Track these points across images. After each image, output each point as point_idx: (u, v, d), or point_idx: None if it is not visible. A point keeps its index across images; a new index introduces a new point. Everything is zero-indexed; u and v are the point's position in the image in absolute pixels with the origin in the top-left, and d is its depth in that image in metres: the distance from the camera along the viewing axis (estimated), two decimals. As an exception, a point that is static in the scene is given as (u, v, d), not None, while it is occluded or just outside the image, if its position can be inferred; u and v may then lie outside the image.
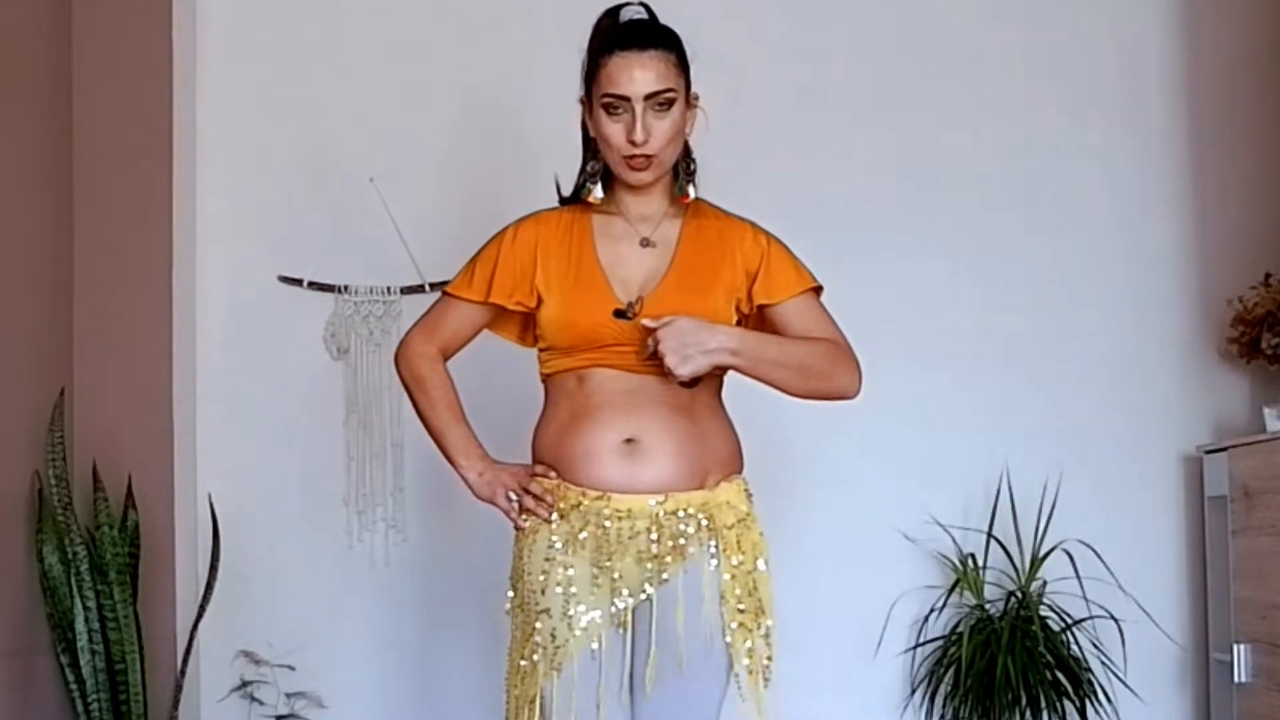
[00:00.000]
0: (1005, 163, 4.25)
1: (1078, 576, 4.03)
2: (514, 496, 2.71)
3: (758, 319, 2.78)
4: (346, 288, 4.18)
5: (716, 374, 2.72)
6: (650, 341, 2.59)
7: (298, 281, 4.19)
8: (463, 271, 2.79)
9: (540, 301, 2.70)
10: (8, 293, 3.65)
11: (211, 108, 4.19)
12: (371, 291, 4.17)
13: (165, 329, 4.03)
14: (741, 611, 2.64)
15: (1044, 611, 4.01)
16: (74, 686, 3.65)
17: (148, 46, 4.06)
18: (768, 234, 2.78)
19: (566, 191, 2.80)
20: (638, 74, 2.61)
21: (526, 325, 2.79)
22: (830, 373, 2.73)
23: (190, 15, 4.15)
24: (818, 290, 2.78)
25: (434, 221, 4.13)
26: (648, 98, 2.61)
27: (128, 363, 3.98)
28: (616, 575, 2.62)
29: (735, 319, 2.72)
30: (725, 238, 2.75)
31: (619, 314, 2.64)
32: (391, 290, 4.16)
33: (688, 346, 2.57)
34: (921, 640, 4.12)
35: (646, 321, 2.60)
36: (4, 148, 3.66)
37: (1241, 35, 4.27)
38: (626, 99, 2.61)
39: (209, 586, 3.84)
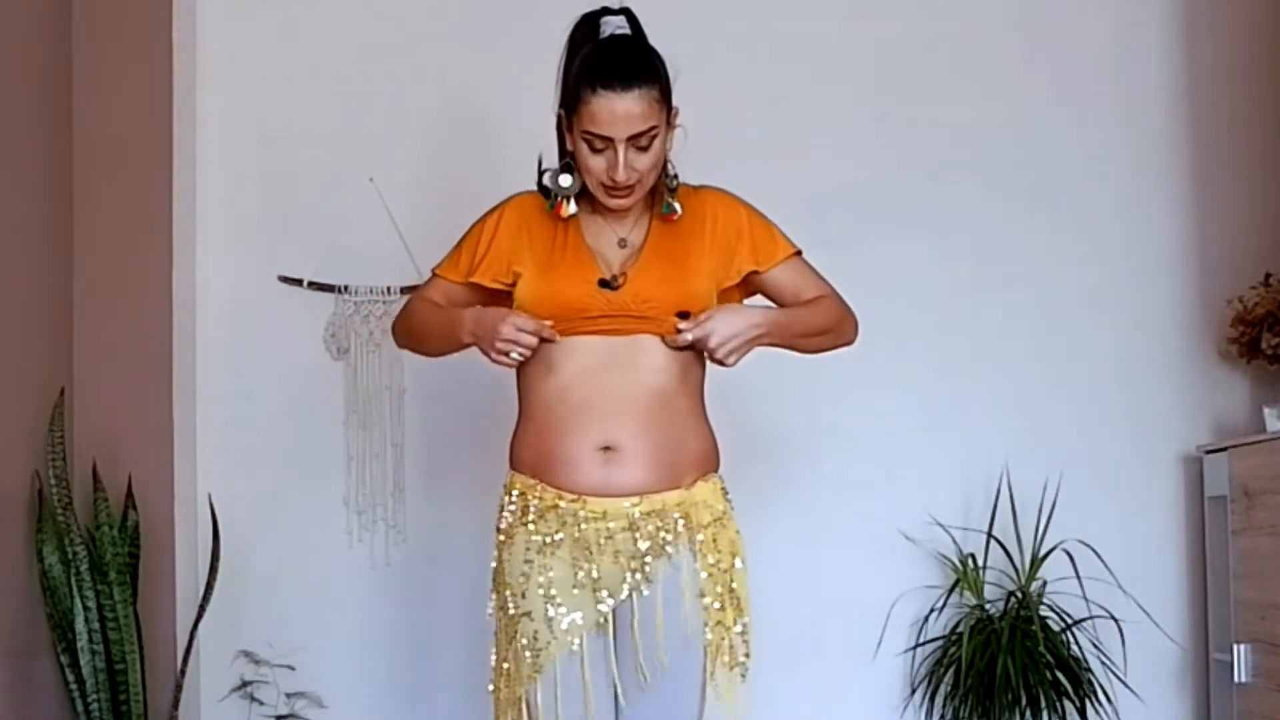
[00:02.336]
0: (1005, 162, 4.25)
1: (1078, 576, 4.03)
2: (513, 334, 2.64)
3: (743, 286, 2.82)
4: (346, 288, 4.18)
5: (698, 366, 2.73)
6: (685, 337, 2.64)
7: (298, 281, 4.19)
8: (450, 253, 2.83)
9: (518, 278, 2.71)
10: (8, 293, 3.65)
11: (211, 108, 4.19)
12: (371, 291, 4.18)
13: (165, 329, 4.02)
14: (719, 610, 2.65)
15: (1044, 611, 4.01)
16: (74, 686, 3.64)
17: (148, 46, 4.06)
18: (738, 199, 2.81)
19: (548, 173, 2.79)
20: (621, 115, 2.60)
21: (508, 305, 2.78)
22: (838, 328, 2.86)
23: (190, 15, 4.15)
24: (799, 253, 2.84)
25: (434, 221, 4.11)
26: (630, 138, 2.62)
27: (128, 363, 3.98)
28: (596, 576, 2.63)
29: (714, 292, 2.74)
30: (695, 207, 2.77)
31: (604, 284, 2.66)
32: (391, 290, 4.16)
33: (735, 338, 2.66)
34: (921, 640, 4.12)
35: (683, 325, 2.65)
36: (4, 148, 3.66)
37: (1241, 35, 4.27)
38: (609, 139, 2.62)
39: (209, 586, 3.84)
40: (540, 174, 2.80)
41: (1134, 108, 4.28)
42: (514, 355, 2.65)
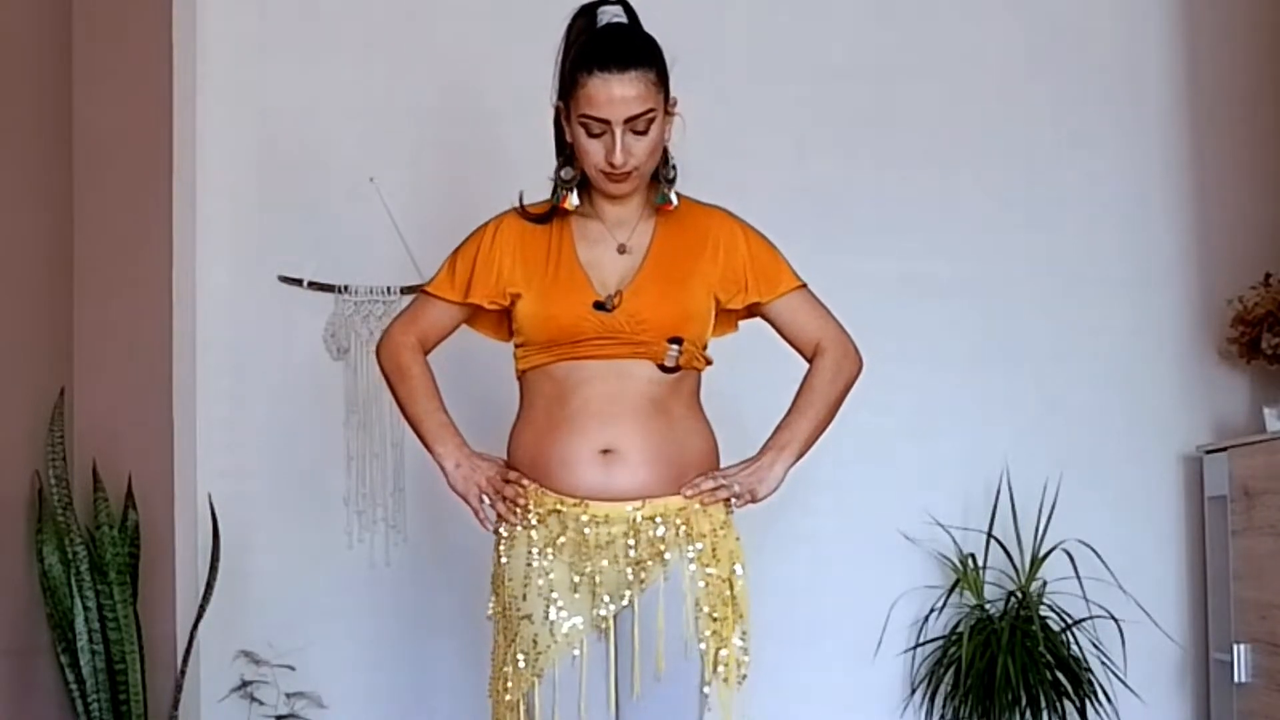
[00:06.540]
0: (1005, 163, 4.26)
1: (1078, 576, 4.03)
2: (486, 499, 2.72)
3: (743, 310, 2.81)
4: (346, 288, 4.18)
5: (695, 369, 2.73)
6: (713, 493, 2.68)
7: (298, 281, 4.19)
8: (443, 269, 2.81)
9: (515, 299, 2.71)
10: (8, 293, 3.65)
11: (211, 108, 4.19)
12: (371, 291, 4.17)
13: (165, 329, 4.02)
14: (715, 619, 2.64)
15: (1044, 611, 4.01)
16: (74, 686, 3.64)
17: (148, 46, 4.05)
18: (745, 225, 2.80)
19: (531, 197, 2.78)
20: (617, 97, 2.59)
21: (503, 320, 2.80)
22: (845, 383, 2.84)
23: (190, 15, 4.15)
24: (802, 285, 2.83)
25: (434, 221, 4.12)
26: (627, 121, 2.61)
27: (128, 363, 3.98)
28: (596, 580, 2.63)
29: (714, 310, 2.73)
30: (701, 228, 2.76)
31: (599, 305, 2.65)
32: (391, 290, 4.16)
33: (761, 484, 2.73)
34: (921, 640, 4.12)
35: (724, 495, 2.70)
36: (4, 148, 3.66)
37: (1242, 35, 4.28)
38: (606, 121, 2.61)
39: (209, 586, 3.84)
40: (521, 204, 2.79)
41: (1134, 108, 4.28)
42: (507, 511, 2.70)
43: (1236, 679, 3.79)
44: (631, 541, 2.63)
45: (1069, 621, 4.02)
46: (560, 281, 2.69)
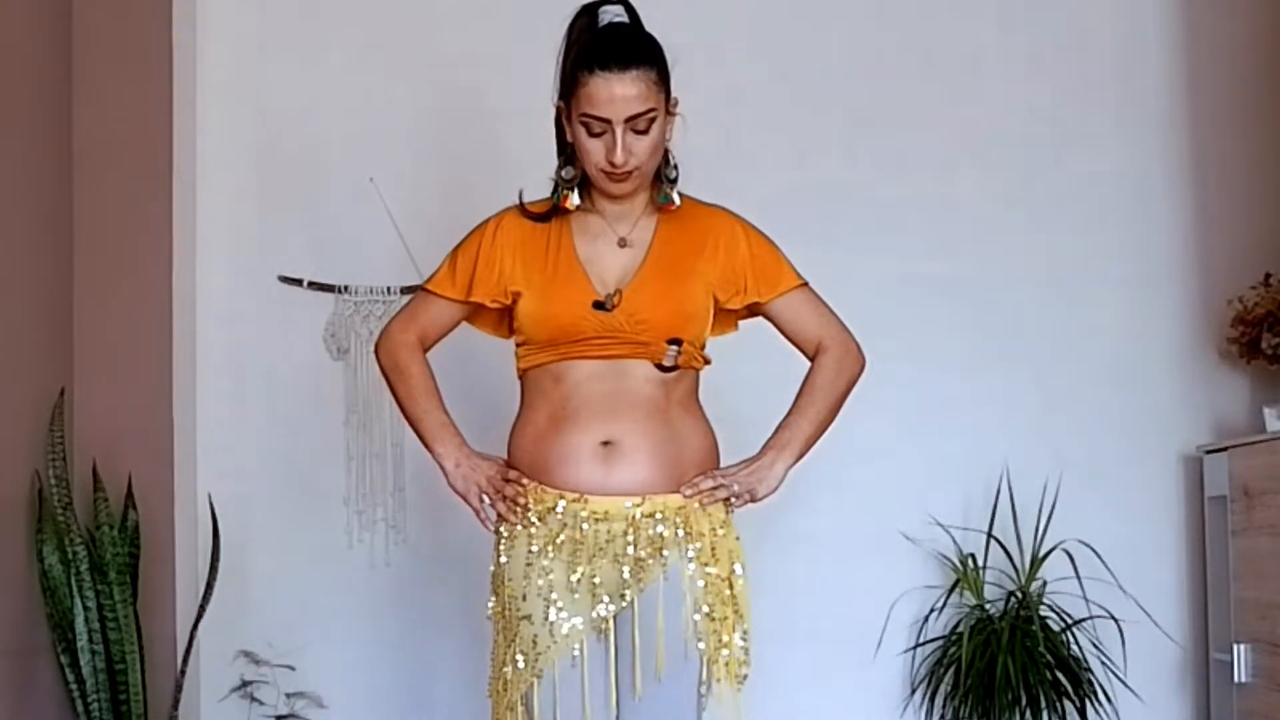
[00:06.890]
0: (1005, 162, 4.26)
1: (1078, 576, 4.03)
2: (486, 499, 2.71)
3: (745, 311, 2.82)
4: (346, 288, 4.19)
5: (694, 368, 2.73)
6: (713, 492, 2.69)
7: (298, 281, 4.19)
8: (443, 266, 2.80)
9: (517, 297, 2.71)
10: (8, 293, 3.65)
11: (211, 108, 4.19)
12: (371, 291, 4.18)
13: (165, 329, 4.02)
14: (715, 619, 2.64)
15: (1044, 611, 4.01)
16: (74, 686, 3.64)
17: (148, 47, 4.06)
18: (746, 225, 2.80)
19: (530, 197, 2.78)
20: (618, 96, 2.59)
21: (503, 318, 2.80)
22: (847, 383, 2.84)
23: (190, 15, 4.15)
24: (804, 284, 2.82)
25: (434, 221, 4.12)
26: (628, 120, 2.61)
27: (128, 363, 3.98)
28: (596, 580, 2.63)
29: (713, 309, 2.73)
30: (703, 227, 2.76)
31: (598, 305, 2.65)
32: (391, 290, 4.16)
33: (761, 483, 2.73)
34: (921, 640, 4.12)
35: (720, 494, 2.69)
36: (4, 148, 3.66)
37: (1242, 36, 4.28)
38: (607, 120, 2.61)
39: (209, 586, 3.84)
40: (521, 202, 2.79)
41: (1134, 108, 4.28)
42: (508, 511, 2.70)
43: (1236, 679, 3.79)
44: (630, 539, 2.63)
45: (1069, 621, 4.02)
46: (559, 279, 2.69)
